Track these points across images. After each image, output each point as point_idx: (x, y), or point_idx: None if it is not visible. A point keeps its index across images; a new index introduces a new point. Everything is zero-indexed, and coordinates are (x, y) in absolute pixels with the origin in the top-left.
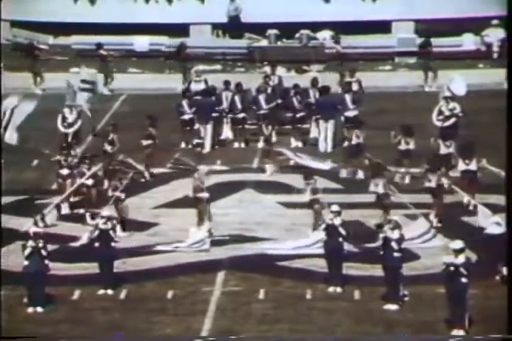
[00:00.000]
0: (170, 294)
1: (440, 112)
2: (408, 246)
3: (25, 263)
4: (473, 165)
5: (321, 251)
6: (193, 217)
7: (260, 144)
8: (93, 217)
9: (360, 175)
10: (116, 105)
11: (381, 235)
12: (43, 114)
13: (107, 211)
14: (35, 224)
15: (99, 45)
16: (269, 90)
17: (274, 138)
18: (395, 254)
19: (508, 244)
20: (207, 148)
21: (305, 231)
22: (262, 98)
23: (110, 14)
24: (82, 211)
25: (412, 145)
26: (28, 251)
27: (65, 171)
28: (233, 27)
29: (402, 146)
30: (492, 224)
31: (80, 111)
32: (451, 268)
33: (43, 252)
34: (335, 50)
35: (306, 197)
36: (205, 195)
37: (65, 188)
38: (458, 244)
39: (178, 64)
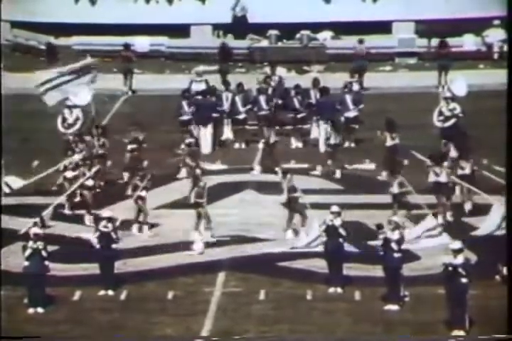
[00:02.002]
0: (170, 295)
1: (440, 113)
2: (413, 243)
3: (26, 263)
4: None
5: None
6: (193, 217)
7: (260, 146)
8: (96, 219)
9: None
10: (117, 105)
11: (381, 236)
12: (43, 115)
13: (108, 212)
14: (35, 226)
15: (127, 46)
16: (269, 91)
17: (272, 139)
18: (395, 255)
19: (508, 244)
20: (207, 149)
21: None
22: (262, 99)
23: (111, 15)
24: (82, 212)
25: (397, 140)
26: (28, 252)
27: (69, 174)
28: (239, 27)
29: (388, 142)
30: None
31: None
32: (450, 269)
33: (44, 253)
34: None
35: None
36: (204, 200)
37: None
38: (456, 244)
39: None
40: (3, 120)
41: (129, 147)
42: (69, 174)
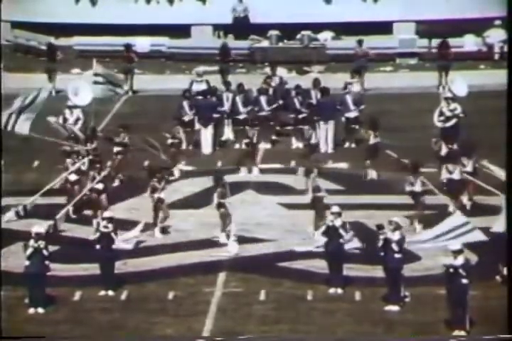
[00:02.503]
0: (171, 295)
1: (441, 113)
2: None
3: (27, 263)
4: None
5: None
6: (195, 217)
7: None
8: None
9: (373, 175)
10: (117, 106)
11: (382, 236)
12: (43, 115)
13: (108, 213)
14: (48, 231)
15: (128, 46)
16: (270, 91)
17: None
18: (396, 255)
19: (508, 245)
20: (208, 149)
21: (305, 232)
22: (263, 99)
23: (111, 15)
24: (89, 213)
25: (379, 139)
26: (29, 251)
27: (73, 177)
28: (240, 28)
29: (371, 141)
30: None
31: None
32: (451, 270)
33: (45, 252)
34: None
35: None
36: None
37: (73, 194)
38: (456, 245)
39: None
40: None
41: (115, 149)
42: (72, 177)
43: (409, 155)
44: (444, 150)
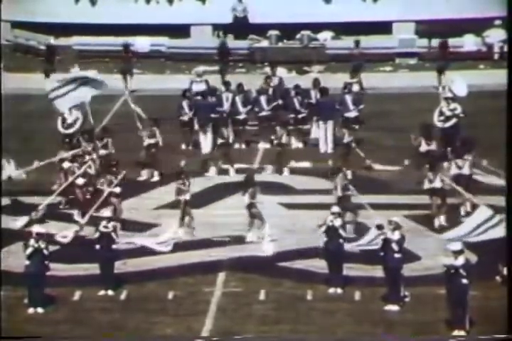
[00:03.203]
0: (170, 295)
1: (441, 113)
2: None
3: (27, 263)
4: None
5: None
6: (195, 217)
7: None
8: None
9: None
10: (116, 106)
11: (381, 236)
12: (43, 115)
13: (108, 212)
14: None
15: (127, 46)
16: (270, 91)
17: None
18: (396, 255)
19: (508, 245)
20: (207, 149)
21: (306, 232)
22: (263, 99)
23: (111, 15)
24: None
25: (349, 138)
26: (29, 250)
27: (80, 181)
28: (240, 28)
29: (345, 139)
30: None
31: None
32: (451, 271)
33: (45, 252)
34: (356, 53)
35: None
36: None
37: (83, 198)
38: (457, 245)
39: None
40: (3, 120)
41: (100, 152)
42: (80, 181)
43: (409, 155)
44: (423, 147)
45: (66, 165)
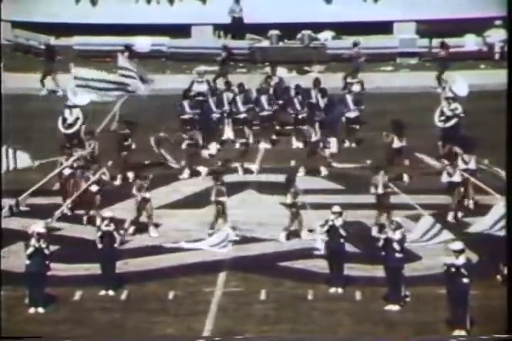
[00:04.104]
0: (171, 294)
1: (442, 113)
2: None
3: (27, 262)
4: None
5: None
6: (194, 217)
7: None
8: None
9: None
10: (117, 106)
11: (382, 236)
12: (43, 115)
13: (109, 212)
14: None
15: (128, 46)
16: (270, 91)
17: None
18: (397, 255)
19: (509, 244)
20: (213, 151)
21: (306, 232)
22: (264, 99)
23: (111, 15)
24: (83, 212)
25: (405, 142)
26: (30, 250)
27: (67, 171)
28: (237, 28)
29: (313, 138)
30: None
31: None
32: (452, 270)
33: (46, 252)
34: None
35: (287, 200)
36: (225, 198)
37: (67, 189)
38: (458, 245)
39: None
40: (3, 120)
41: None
42: (66, 172)
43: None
44: (396, 144)
45: (67, 171)
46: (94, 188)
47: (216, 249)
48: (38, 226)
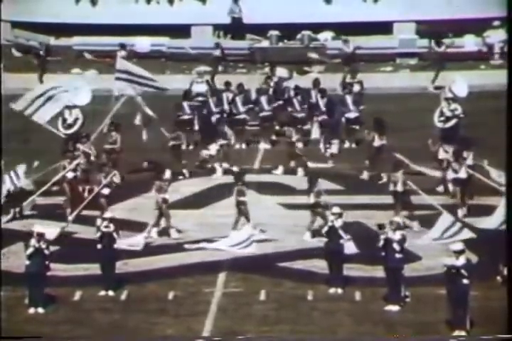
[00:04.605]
0: (171, 295)
1: (441, 113)
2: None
3: (27, 262)
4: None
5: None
6: (194, 217)
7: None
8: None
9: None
10: (117, 106)
11: (382, 236)
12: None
13: (109, 213)
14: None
15: (123, 46)
16: (270, 91)
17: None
18: (397, 255)
19: (508, 245)
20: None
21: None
22: (263, 99)
23: (111, 15)
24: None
25: (385, 141)
26: (30, 250)
27: (70, 174)
28: (237, 28)
29: (294, 137)
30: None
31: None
32: (452, 270)
33: (46, 252)
34: (343, 51)
35: (310, 200)
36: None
37: (73, 192)
38: (458, 245)
39: None
40: (3, 120)
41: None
42: (70, 175)
43: (408, 155)
44: (376, 142)
45: (70, 175)
46: (106, 191)
47: (236, 249)
48: (50, 230)
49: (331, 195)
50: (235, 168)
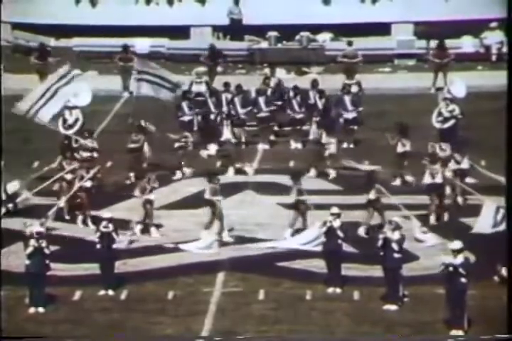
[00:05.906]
0: (170, 295)
1: (440, 114)
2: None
3: (27, 262)
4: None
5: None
6: (193, 218)
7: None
8: (94, 221)
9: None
10: (117, 106)
11: (381, 236)
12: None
13: (108, 213)
14: (42, 225)
15: (126, 47)
16: (268, 92)
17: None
18: (395, 255)
19: (507, 244)
20: (213, 151)
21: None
22: (262, 100)
23: (111, 16)
24: (78, 213)
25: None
26: (30, 250)
27: (69, 176)
28: (236, 29)
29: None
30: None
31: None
32: (450, 269)
33: (46, 251)
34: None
35: (292, 198)
36: (219, 197)
37: (68, 192)
38: (457, 244)
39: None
40: (3, 121)
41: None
42: (68, 177)
43: (409, 155)
44: (400, 148)
45: (69, 176)
46: (88, 184)
47: (204, 251)
48: (35, 226)
49: (331, 195)
50: (247, 168)
